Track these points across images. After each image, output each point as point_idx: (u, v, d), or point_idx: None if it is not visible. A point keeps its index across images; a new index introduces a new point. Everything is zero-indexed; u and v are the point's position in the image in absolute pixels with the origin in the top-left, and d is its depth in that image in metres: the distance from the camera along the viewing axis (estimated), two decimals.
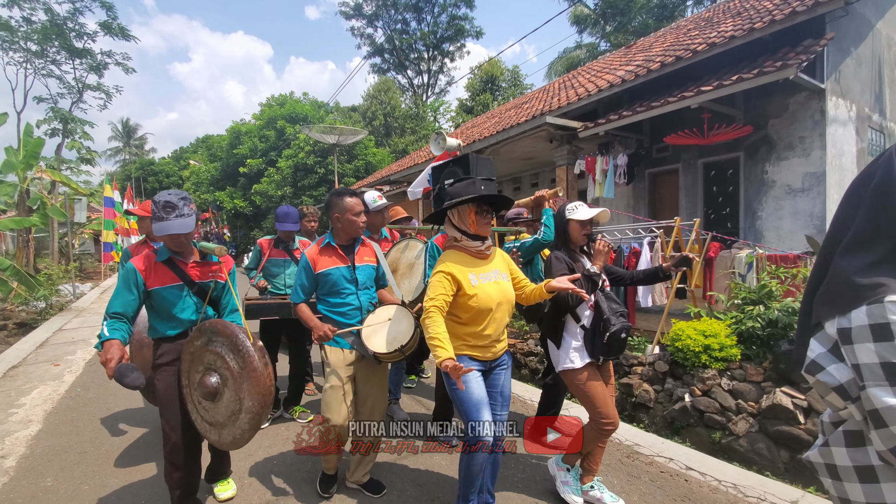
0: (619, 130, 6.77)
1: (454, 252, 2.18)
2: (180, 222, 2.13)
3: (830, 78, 5.31)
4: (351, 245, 2.63)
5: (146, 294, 2.22)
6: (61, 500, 2.69)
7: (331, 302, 2.55)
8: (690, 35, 7.57)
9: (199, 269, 2.35)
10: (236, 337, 2.08)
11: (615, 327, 2.28)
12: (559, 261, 2.43)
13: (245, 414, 2.05)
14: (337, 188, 2.65)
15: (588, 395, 2.36)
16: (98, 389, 4.69)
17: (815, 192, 5.29)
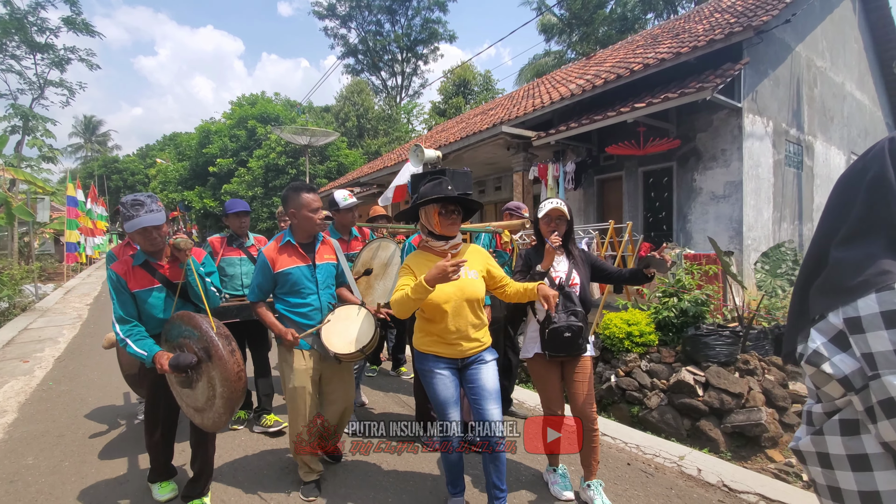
0: (570, 140, 7.34)
1: (419, 253, 2.25)
2: (150, 217, 2.20)
3: (747, 97, 6.00)
4: (311, 243, 2.59)
5: (132, 296, 2.30)
6: (43, 475, 2.96)
7: (290, 302, 2.50)
8: (636, 52, 8.22)
9: (171, 268, 2.40)
10: (200, 327, 2.16)
11: (555, 325, 2.33)
12: (520, 257, 2.58)
13: (219, 399, 2.14)
14: (294, 182, 2.60)
15: (539, 386, 2.52)
16: (70, 383, 4.89)
17: (734, 199, 5.97)
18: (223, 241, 3.60)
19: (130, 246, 3.33)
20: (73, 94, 19.99)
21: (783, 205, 6.84)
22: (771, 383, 3.76)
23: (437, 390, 2.17)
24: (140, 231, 2.24)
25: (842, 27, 9.08)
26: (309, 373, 2.47)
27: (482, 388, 2.19)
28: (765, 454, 3.47)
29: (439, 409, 2.18)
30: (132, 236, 2.30)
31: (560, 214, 2.46)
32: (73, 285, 14.91)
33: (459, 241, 2.26)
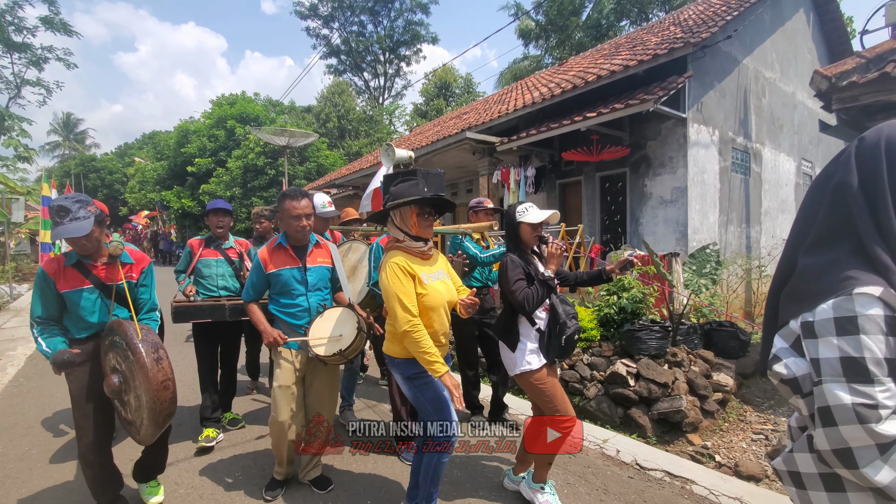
0: (532, 145, 7.68)
1: (399, 254, 2.14)
2: (74, 226, 2.10)
3: (692, 108, 6.41)
4: (303, 246, 2.63)
5: (58, 296, 2.24)
6: (11, 462, 3.17)
7: (281, 302, 2.57)
8: (597, 62, 8.61)
9: (107, 270, 2.34)
10: (126, 334, 2.09)
11: (570, 330, 2.30)
12: (515, 265, 2.38)
13: (145, 409, 2.04)
14: (285, 189, 2.65)
15: (547, 394, 2.36)
16: (40, 380, 5.06)
17: (680, 203, 6.37)
18: (202, 243, 3.59)
19: None
20: (51, 94, 19.81)
21: (730, 208, 7.28)
22: (695, 374, 4.12)
23: (435, 391, 2.15)
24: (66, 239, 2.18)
25: (794, 39, 9.59)
26: (294, 371, 2.50)
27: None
28: (686, 438, 3.82)
29: (440, 410, 2.14)
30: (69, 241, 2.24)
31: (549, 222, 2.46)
32: None
33: (432, 244, 2.27)
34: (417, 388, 2.18)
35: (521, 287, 2.31)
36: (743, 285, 7.32)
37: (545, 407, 2.39)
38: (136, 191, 28.66)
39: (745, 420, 3.93)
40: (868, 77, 3.90)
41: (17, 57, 18.79)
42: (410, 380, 2.19)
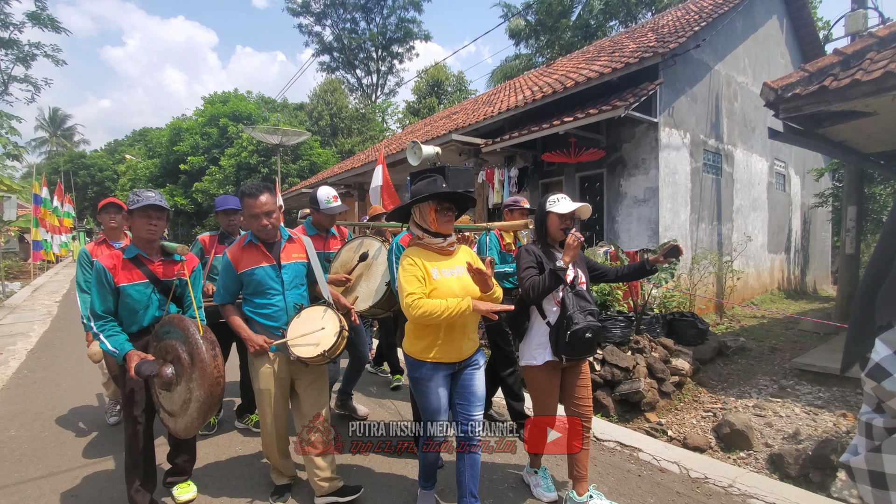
0: (516, 146, 8.01)
1: (418, 250, 2.17)
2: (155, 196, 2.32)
3: (664, 113, 6.78)
4: (275, 242, 2.49)
5: (115, 291, 2.29)
6: (26, 443, 3.47)
7: (255, 303, 2.44)
8: (578, 66, 8.97)
9: (164, 266, 2.40)
10: (188, 330, 2.17)
11: (577, 326, 2.20)
12: (528, 254, 2.35)
13: (194, 403, 2.14)
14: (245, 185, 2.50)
15: (536, 394, 2.38)
16: (44, 371, 5.33)
17: (652, 203, 6.76)
18: (214, 239, 3.50)
19: (107, 244, 3.42)
20: (39, 91, 19.78)
21: (701, 207, 7.67)
22: (655, 359, 4.50)
23: (430, 399, 2.16)
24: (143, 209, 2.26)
25: (766, 44, 10.00)
26: (273, 376, 2.40)
27: (473, 393, 2.21)
28: (644, 416, 4.20)
29: (429, 417, 2.19)
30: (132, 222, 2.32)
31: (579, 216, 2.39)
32: (40, 283, 14.95)
33: (454, 240, 2.25)
34: (416, 389, 2.23)
35: (529, 274, 2.29)
36: (713, 279, 7.74)
37: (535, 405, 2.43)
38: (128, 188, 28.66)
39: (698, 400, 4.32)
40: (809, 90, 4.29)
41: (4, 53, 18.77)
42: (412, 380, 2.23)
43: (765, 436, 3.59)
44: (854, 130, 5.36)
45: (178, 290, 2.46)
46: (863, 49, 4.41)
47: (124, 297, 2.30)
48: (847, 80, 4.12)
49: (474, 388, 2.21)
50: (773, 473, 3.22)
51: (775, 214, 10.37)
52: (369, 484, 2.76)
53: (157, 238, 2.37)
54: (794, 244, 11.44)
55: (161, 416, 2.32)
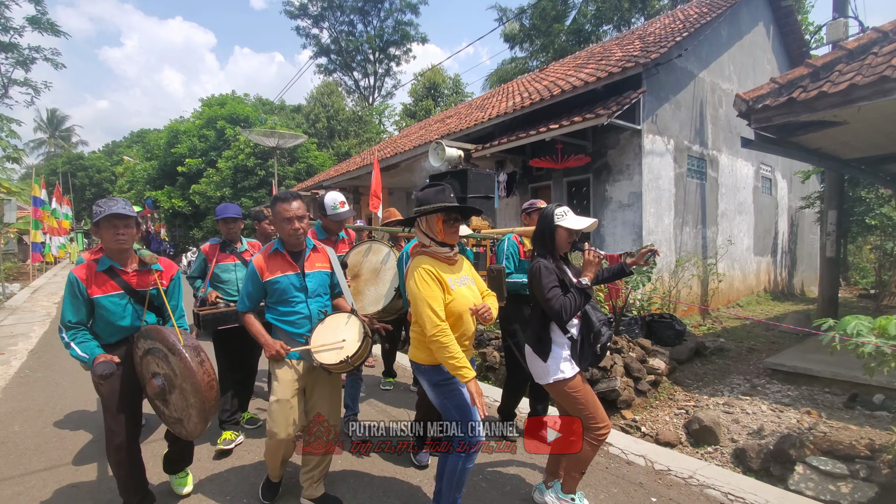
0: (506, 152, 8.21)
1: (428, 259, 2.16)
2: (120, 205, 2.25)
3: (647, 120, 6.99)
4: (300, 251, 2.53)
5: (88, 302, 2.27)
6: (29, 438, 3.64)
7: (279, 311, 2.46)
8: (567, 73, 9.17)
9: (138, 277, 2.38)
10: (168, 340, 2.17)
11: (605, 337, 2.27)
12: (549, 272, 2.28)
13: (192, 409, 2.18)
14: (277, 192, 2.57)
15: (582, 402, 2.32)
16: (45, 371, 5.50)
17: (636, 207, 6.96)
18: (215, 248, 3.54)
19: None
20: (39, 94, 19.90)
21: (685, 211, 7.88)
22: (632, 359, 4.69)
23: (463, 397, 2.14)
24: (107, 219, 2.21)
25: (752, 51, 10.23)
26: (295, 384, 2.40)
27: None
28: (620, 413, 4.38)
29: (468, 414, 2.14)
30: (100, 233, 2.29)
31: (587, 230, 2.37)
32: (39, 284, 15.08)
33: (457, 249, 2.27)
34: (444, 395, 2.18)
35: (556, 295, 2.21)
36: (696, 281, 7.94)
37: (579, 414, 2.34)
38: (126, 190, 28.77)
39: (673, 398, 4.51)
40: (779, 101, 4.49)
41: (4, 57, 18.91)
42: (437, 386, 2.19)
43: (731, 431, 3.78)
44: (828, 138, 5.57)
45: (157, 301, 2.44)
46: (832, 61, 4.61)
47: (99, 308, 2.28)
48: (815, 92, 4.33)
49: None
50: (736, 467, 3.41)
51: (761, 218, 10.58)
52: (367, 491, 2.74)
53: (127, 247, 2.33)
54: (781, 247, 11.66)
55: (167, 424, 2.39)
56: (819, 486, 2.99)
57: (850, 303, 10.16)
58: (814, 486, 3.00)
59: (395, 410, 4.08)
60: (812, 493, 2.95)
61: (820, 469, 3.06)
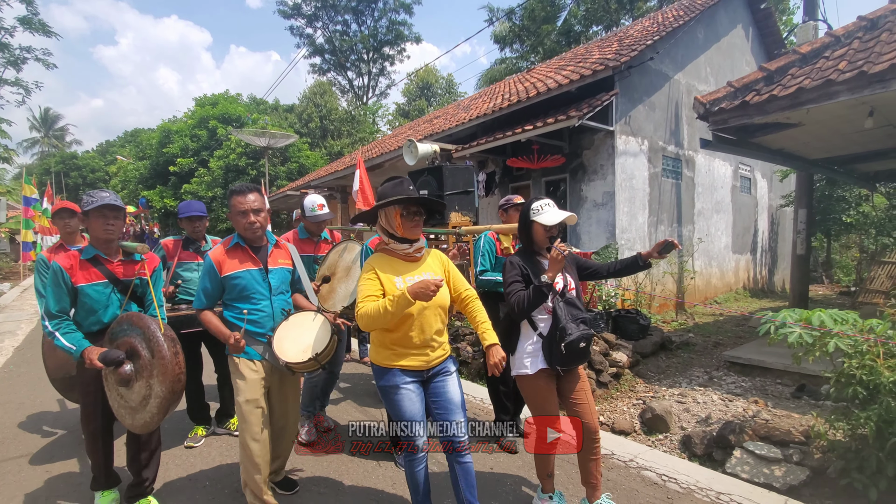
0: (487, 152, 8.37)
1: (381, 255, 2.13)
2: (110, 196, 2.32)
3: (620, 121, 7.17)
4: (263, 246, 2.46)
5: (72, 291, 2.29)
6: (7, 428, 3.79)
7: (239, 308, 2.35)
8: (547, 75, 9.34)
9: (123, 266, 2.42)
10: (148, 328, 2.19)
11: (572, 336, 2.16)
12: (513, 267, 2.30)
13: (154, 399, 2.16)
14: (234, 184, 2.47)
15: (534, 401, 2.32)
16: (28, 366, 5.64)
17: (609, 206, 7.14)
18: (178, 245, 3.45)
19: (63, 248, 3.34)
20: (30, 94, 20.01)
21: (660, 210, 8.07)
22: (595, 352, 4.87)
23: (403, 407, 2.07)
24: (98, 209, 2.26)
25: (730, 53, 10.43)
26: (260, 384, 2.33)
27: (449, 401, 2.14)
28: None
29: (406, 429, 2.09)
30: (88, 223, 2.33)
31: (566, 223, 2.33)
32: (29, 284, 15.13)
33: (422, 245, 2.18)
34: (385, 398, 2.16)
35: (515, 290, 2.23)
36: (669, 278, 8.13)
37: (530, 410, 2.38)
38: (119, 189, 28.83)
39: (634, 390, 4.69)
40: (733, 104, 4.68)
41: None
42: (380, 389, 2.17)
43: (682, 420, 3.97)
44: (787, 139, 5.77)
45: (139, 290, 2.49)
46: (786, 65, 4.81)
47: (82, 296, 2.31)
48: (766, 96, 4.52)
49: (450, 395, 2.14)
50: (683, 453, 3.59)
51: (740, 216, 10.79)
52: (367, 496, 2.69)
53: (114, 238, 2.38)
54: (761, 245, 11.88)
55: (116, 414, 2.32)
56: (754, 468, 3.17)
57: (827, 299, 10.38)
58: (749, 469, 3.18)
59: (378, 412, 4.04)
60: (747, 475, 3.13)
61: (756, 453, 3.25)
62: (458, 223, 5.69)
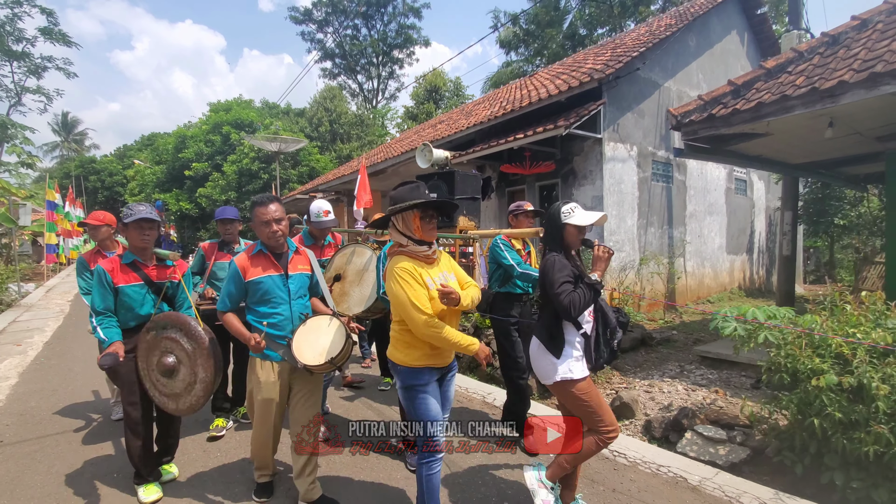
0: (484, 158, 8.78)
1: (405, 259, 2.12)
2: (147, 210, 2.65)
3: (608, 129, 7.52)
4: (283, 253, 2.60)
5: (113, 291, 2.63)
6: (44, 411, 4.28)
7: (261, 312, 2.49)
8: (543, 83, 9.71)
9: (157, 270, 2.76)
10: (188, 324, 2.49)
11: (619, 335, 2.24)
12: (561, 265, 2.24)
13: (199, 384, 2.47)
14: (256, 196, 2.63)
15: (590, 404, 2.25)
16: (58, 359, 6.17)
17: (598, 210, 7.45)
18: (214, 247, 3.72)
19: (101, 253, 3.80)
20: (51, 101, 20.92)
21: (650, 213, 8.40)
22: None
23: (429, 406, 2.14)
24: (136, 222, 2.59)
25: (724, 59, 10.68)
26: (277, 385, 2.47)
27: (448, 399, 2.32)
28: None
29: (430, 427, 2.12)
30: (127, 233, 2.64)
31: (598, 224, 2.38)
32: (53, 284, 15.91)
33: (437, 247, 2.25)
34: (408, 399, 2.18)
35: (567, 290, 2.16)
36: (658, 279, 8.45)
37: (587, 418, 2.27)
38: (136, 193, 29.78)
39: (609, 382, 5.05)
40: (702, 116, 5.03)
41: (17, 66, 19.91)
42: (405, 389, 2.19)
43: (647, 407, 4.33)
44: (763, 146, 6.08)
45: (170, 291, 2.80)
46: (752, 79, 5.14)
47: (122, 296, 2.65)
48: (731, 109, 4.86)
49: (449, 394, 2.32)
50: (644, 436, 3.96)
51: (735, 218, 11.03)
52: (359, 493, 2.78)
53: (149, 246, 2.71)
54: (758, 245, 12.09)
55: (158, 402, 2.63)
56: (701, 448, 3.54)
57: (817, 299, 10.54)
58: (697, 449, 3.54)
59: (391, 410, 4.16)
60: (694, 454, 3.49)
61: (704, 435, 3.61)
62: (465, 227, 6.06)
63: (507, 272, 3.31)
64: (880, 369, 2.77)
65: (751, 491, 2.83)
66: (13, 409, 4.35)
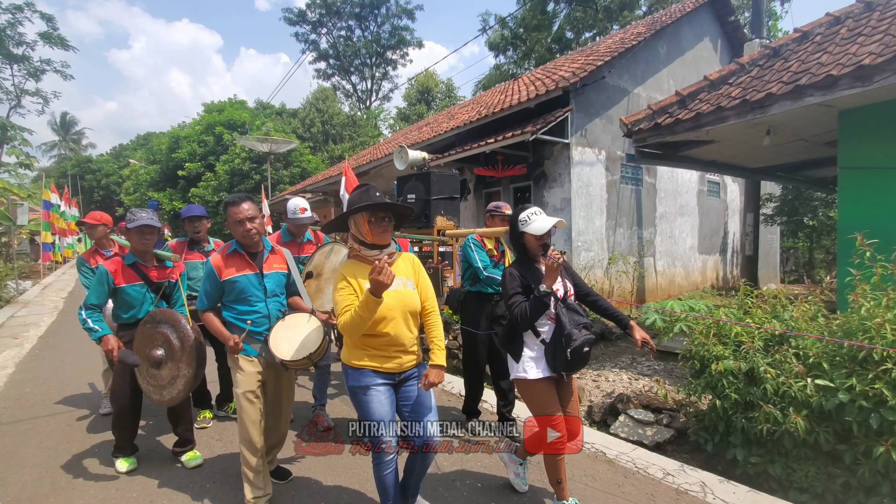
0: (462, 161, 9.15)
1: (353, 263, 2.16)
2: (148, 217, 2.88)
3: (576, 134, 7.91)
4: (259, 252, 2.63)
5: (114, 290, 2.86)
6: (37, 397, 4.65)
7: (237, 309, 2.53)
8: (520, 87, 10.10)
9: (156, 271, 2.99)
10: (179, 322, 2.69)
11: (577, 342, 2.20)
12: (512, 277, 2.32)
13: (181, 379, 2.66)
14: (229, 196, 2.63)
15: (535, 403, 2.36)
16: (52, 352, 6.54)
17: (566, 211, 7.89)
18: (183, 245, 3.78)
19: (99, 252, 3.97)
20: (48, 103, 21.24)
21: (618, 214, 8.79)
22: None
23: (372, 408, 2.10)
24: (138, 228, 2.81)
25: (697, 66, 11.05)
26: (257, 377, 2.50)
27: (421, 404, 2.19)
28: None
29: (374, 428, 2.11)
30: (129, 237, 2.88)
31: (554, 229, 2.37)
32: (49, 282, 16.23)
33: (394, 250, 2.21)
34: (355, 398, 2.18)
35: (517, 301, 2.25)
36: (625, 277, 8.85)
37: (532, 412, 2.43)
38: (132, 192, 30.05)
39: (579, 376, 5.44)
40: (650, 125, 5.42)
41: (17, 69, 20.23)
42: (351, 389, 2.18)
43: (592, 395, 4.72)
44: (714, 152, 6.49)
45: (168, 290, 3.05)
46: (696, 90, 5.54)
47: (123, 294, 2.88)
48: (674, 119, 5.26)
49: (421, 399, 2.19)
50: (585, 420, 4.35)
51: (708, 219, 11.43)
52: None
53: (150, 249, 2.95)
54: (731, 246, 12.48)
55: (145, 390, 2.82)
56: (631, 430, 3.93)
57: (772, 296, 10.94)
58: (627, 430, 3.93)
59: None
60: (625, 435, 3.88)
61: (635, 417, 4.00)
62: (443, 227, 6.36)
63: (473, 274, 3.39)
64: (771, 356, 3.17)
65: (658, 463, 3.22)
66: (10, 394, 4.72)
